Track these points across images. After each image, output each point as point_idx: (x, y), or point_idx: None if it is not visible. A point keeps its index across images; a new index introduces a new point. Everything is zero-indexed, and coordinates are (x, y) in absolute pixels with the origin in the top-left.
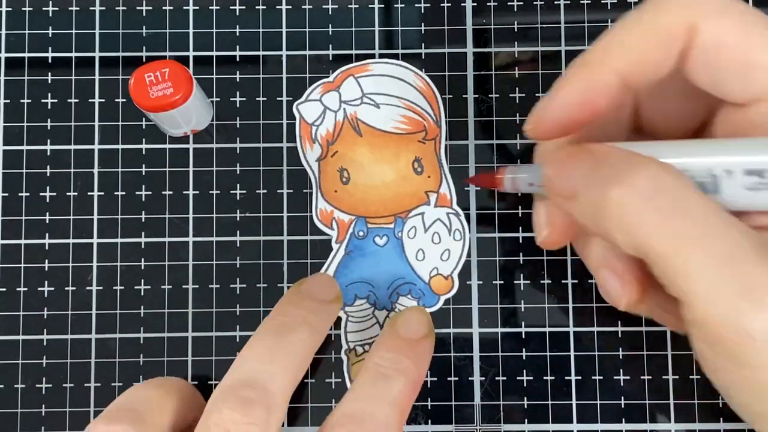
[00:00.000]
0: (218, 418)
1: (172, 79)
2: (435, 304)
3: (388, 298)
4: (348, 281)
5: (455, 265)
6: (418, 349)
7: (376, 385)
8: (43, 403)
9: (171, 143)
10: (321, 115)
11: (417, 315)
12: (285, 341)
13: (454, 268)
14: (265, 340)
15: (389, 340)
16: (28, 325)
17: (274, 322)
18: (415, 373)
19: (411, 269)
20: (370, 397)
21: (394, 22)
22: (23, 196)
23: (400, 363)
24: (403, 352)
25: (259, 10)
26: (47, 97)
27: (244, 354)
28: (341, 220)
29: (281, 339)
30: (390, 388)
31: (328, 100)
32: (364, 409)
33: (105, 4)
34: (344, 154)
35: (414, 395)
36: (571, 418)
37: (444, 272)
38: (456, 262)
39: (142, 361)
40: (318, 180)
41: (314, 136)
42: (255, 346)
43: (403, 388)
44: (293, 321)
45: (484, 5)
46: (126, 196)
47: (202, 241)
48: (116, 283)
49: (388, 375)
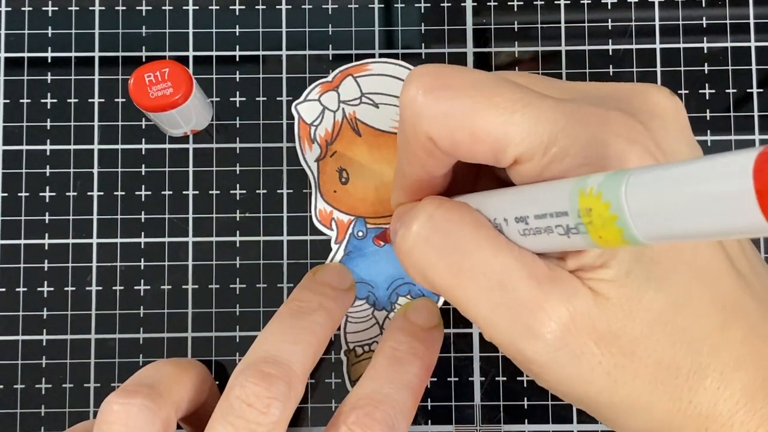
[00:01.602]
0: (240, 392)
1: (171, 79)
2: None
3: (387, 298)
4: None
5: None
6: (430, 335)
7: (392, 368)
8: (42, 404)
9: (171, 143)
10: (320, 115)
11: (427, 305)
12: (304, 322)
13: None
14: (284, 321)
15: (403, 325)
16: (27, 325)
17: (292, 305)
18: (428, 357)
19: None
20: (387, 379)
21: (394, 22)
22: (23, 196)
23: (414, 347)
24: (417, 337)
25: (259, 9)
26: (47, 97)
27: (264, 334)
28: (340, 221)
29: (300, 320)
30: (405, 371)
31: (327, 100)
32: (381, 391)
33: (105, 4)
34: (343, 154)
35: (427, 379)
36: (571, 418)
37: None
38: None
39: (142, 362)
40: (317, 180)
41: (313, 137)
42: (275, 327)
43: (417, 372)
44: (310, 306)
45: (484, 5)
46: (126, 196)
47: (201, 241)
48: (116, 283)
49: (403, 359)
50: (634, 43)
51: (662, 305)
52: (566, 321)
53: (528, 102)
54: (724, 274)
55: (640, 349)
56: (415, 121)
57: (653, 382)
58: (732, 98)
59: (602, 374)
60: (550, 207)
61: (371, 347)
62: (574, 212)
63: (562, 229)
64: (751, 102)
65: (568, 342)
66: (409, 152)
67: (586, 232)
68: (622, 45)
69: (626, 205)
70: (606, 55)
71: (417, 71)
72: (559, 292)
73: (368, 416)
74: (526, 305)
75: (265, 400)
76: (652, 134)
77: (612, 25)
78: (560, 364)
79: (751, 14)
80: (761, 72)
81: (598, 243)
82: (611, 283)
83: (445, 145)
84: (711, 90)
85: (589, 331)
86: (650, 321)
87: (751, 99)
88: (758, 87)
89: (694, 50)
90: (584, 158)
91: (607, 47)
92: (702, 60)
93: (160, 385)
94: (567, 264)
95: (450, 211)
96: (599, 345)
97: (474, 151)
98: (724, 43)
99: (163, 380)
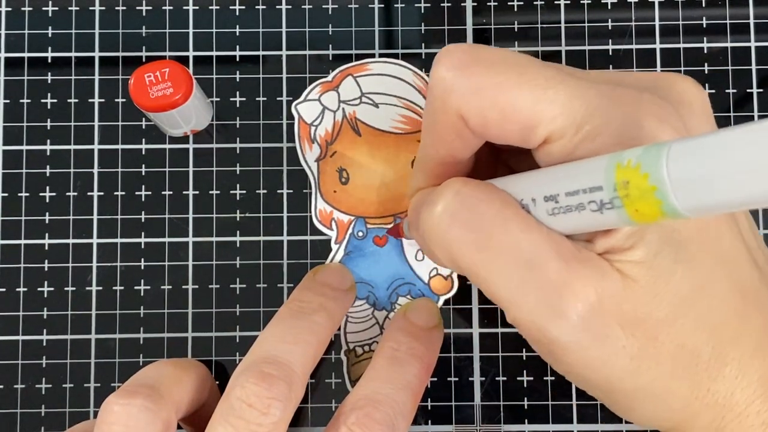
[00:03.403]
0: (241, 392)
1: (172, 79)
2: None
3: (387, 298)
4: None
5: None
6: (430, 335)
7: (391, 368)
8: (42, 404)
9: (171, 143)
10: (320, 115)
11: (427, 305)
12: (305, 322)
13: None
14: (284, 321)
15: (403, 325)
16: (27, 325)
17: (292, 306)
18: (428, 358)
19: (410, 269)
20: (387, 379)
21: (394, 22)
22: (23, 197)
23: (414, 348)
24: (417, 337)
25: (259, 9)
26: (47, 97)
27: (264, 334)
28: (340, 221)
29: (301, 320)
30: (405, 372)
31: (327, 99)
32: (381, 392)
33: (105, 4)
34: (343, 154)
35: (426, 380)
36: (571, 418)
37: (444, 272)
38: None
39: (142, 362)
40: (317, 180)
41: (313, 136)
42: (275, 327)
43: (417, 372)
44: (311, 306)
45: (484, 5)
46: (126, 196)
47: (201, 241)
48: (116, 284)
49: (402, 359)
50: (634, 43)
51: (688, 289)
52: (593, 302)
53: (561, 80)
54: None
55: (663, 333)
56: (445, 97)
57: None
58: (732, 98)
59: (625, 358)
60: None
61: (371, 347)
62: (610, 186)
63: (596, 204)
64: (751, 102)
65: (593, 324)
66: (436, 133)
67: (622, 206)
68: (622, 45)
69: (667, 175)
70: (606, 55)
71: (447, 49)
72: (588, 273)
73: (368, 417)
74: (553, 284)
75: (266, 401)
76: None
77: (612, 25)
78: (583, 347)
79: (751, 14)
80: (761, 72)
81: (633, 217)
82: (640, 264)
83: (475, 123)
84: (711, 90)
85: (616, 313)
86: (676, 304)
87: (751, 99)
88: (758, 87)
89: (694, 50)
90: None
91: (607, 47)
92: (702, 60)
93: (160, 386)
94: (595, 246)
95: (477, 188)
96: (624, 328)
97: (505, 130)
98: (724, 43)
99: (163, 381)
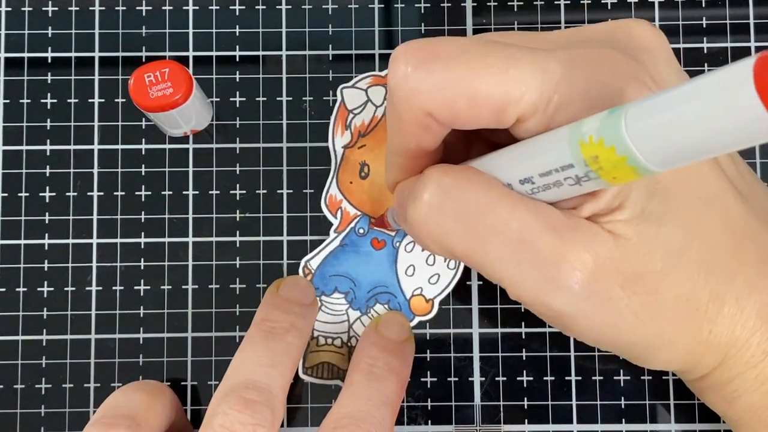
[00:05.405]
0: (224, 419)
1: (171, 79)
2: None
3: (365, 301)
4: (333, 272)
5: (440, 292)
6: (403, 349)
7: (370, 385)
8: (42, 404)
9: (171, 143)
10: (362, 105)
11: (398, 318)
12: (279, 343)
13: (438, 293)
14: (258, 343)
15: (376, 340)
16: (27, 325)
17: (263, 326)
18: (403, 372)
19: (397, 281)
20: (368, 396)
21: (394, 22)
22: (23, 197)
23: (390, 363)
24: (391, 352)
25: (259, 10)
26: (47, 97)
27: (240, 358)
28: (347, 212)
29: (274, 342)
30: (383, 387)
31: (374, 93)
32: (362, 409)
33: (105, 4)
34: (372, 149)
35: (402, 394)
36: (571, 418)
37: (427, 295)
38: (442, 289)
39: (142, 362)
40: (338, 166)
41: (348, 123)
42: (249, 351)
43: (394, 388)
44: (282, 326)
45: (484, 5)
46: (126, 196)
47: (201, 241)
48: (116, 284)
49: (380, 375)
50: None
51: (680, 237)
52: (591, 268)
53: (519, 57)
54: (729, 197)
55: (662, 286)
56: (410, 98)
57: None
58: None
59: (630, 316)
60: (553, 163)
61: (334, 342)
62: (580, 162)
63: (572, 180)
64: None
65: (595, 290)
66: (404, 130)
67: (599, 176)
68: None
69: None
70: None
71: (402, 48)
72: (581, 239)
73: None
74: (548, 258)
75: (250, 427)
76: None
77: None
78: (588, 314)
79: (751, 14)
80: None
81: (612, 183)
82: (629, 222)
83: (444, 117)
84: None
85: (614, 275)
86: (669, 255)
87: None
88: None
89: (694, 50)
90: (588, 101)
91: None
92: (702, 60)
93: (137, 415)
94: (582, 211)
95: (458, 175)
96: (624, 288)
97: (476, 117)
98: (724, 43)
99: (139, 409)
